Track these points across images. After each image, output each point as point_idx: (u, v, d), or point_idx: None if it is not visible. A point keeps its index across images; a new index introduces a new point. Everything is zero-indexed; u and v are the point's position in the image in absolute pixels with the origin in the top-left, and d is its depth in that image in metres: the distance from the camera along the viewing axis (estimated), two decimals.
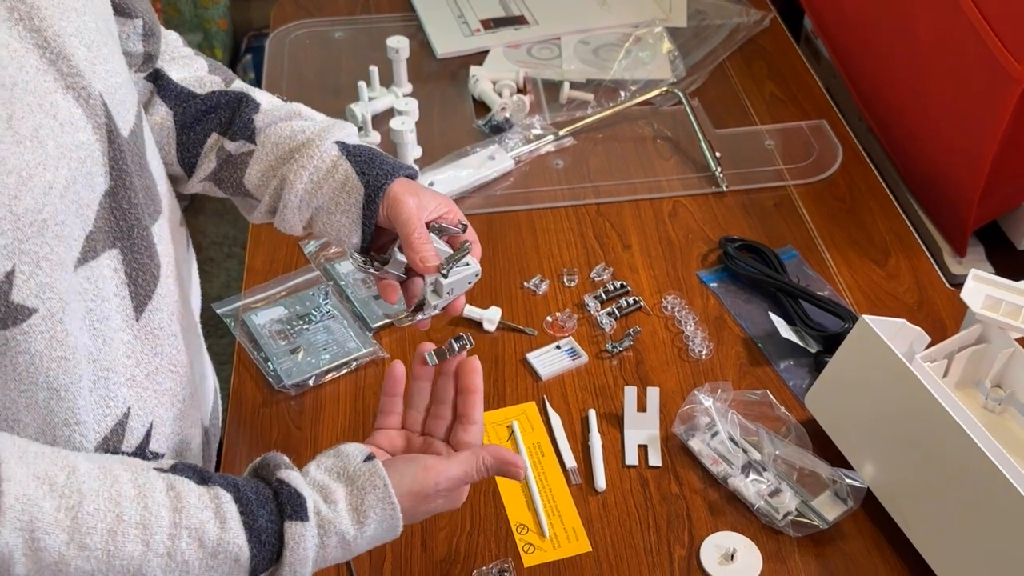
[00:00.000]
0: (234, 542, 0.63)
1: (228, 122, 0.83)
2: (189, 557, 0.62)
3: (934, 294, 1.15)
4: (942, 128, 1.26)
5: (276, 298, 1.12)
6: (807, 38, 1.68)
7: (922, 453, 0.87)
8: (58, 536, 0.58)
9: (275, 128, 0.83)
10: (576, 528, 0.91)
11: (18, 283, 0.58)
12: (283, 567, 0.65)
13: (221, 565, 0.63)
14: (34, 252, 0.59)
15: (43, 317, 0.61)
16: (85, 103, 0.63)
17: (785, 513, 0.90)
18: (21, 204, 0.57)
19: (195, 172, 0.85)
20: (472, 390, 0.76)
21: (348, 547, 0.67)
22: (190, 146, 0.84)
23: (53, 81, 0.61)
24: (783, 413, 0.97)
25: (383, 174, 0.79)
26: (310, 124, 0.83)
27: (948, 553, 0.85)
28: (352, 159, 0.80)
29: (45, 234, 0.59)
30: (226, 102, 0.84)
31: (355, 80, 1.38)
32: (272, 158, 0.82)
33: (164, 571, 0.61)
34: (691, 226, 1.23)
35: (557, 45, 1.53)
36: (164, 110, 0.83)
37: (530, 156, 1.33)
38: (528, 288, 1.15)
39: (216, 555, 0.63)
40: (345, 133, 0.83)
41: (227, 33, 2.67)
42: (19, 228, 0.57)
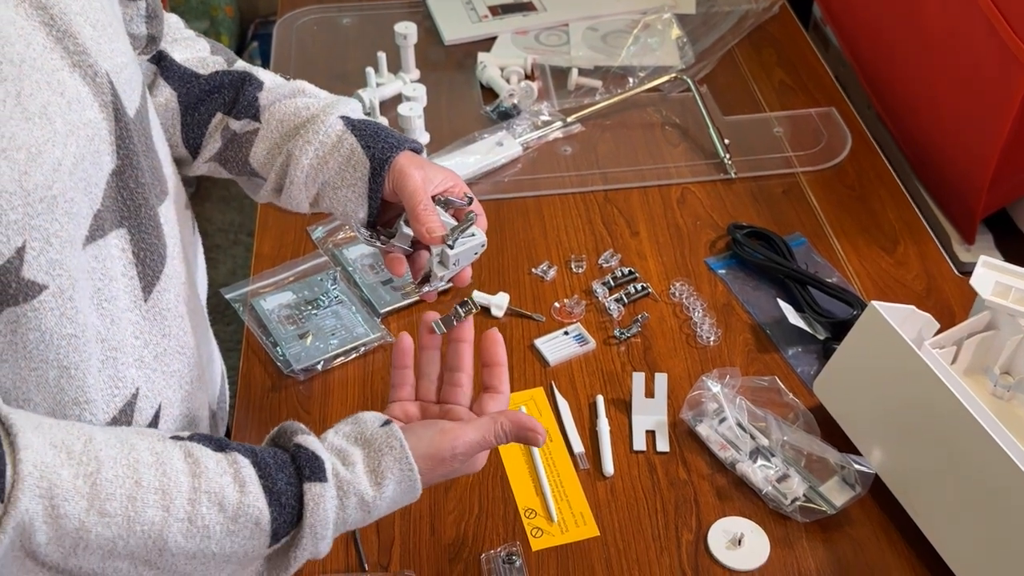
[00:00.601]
0: (254, 505, 0.63)
1: (232, 101, 0.83)
2: (210, 521, 0.62)
3: (943, 281, 1.15)
4: (952, 116, 1.26)
5: (284, 283, 1.12)
6: (816, 26, 1.67)
7: (930, 439, 0.87)
8: (78, 503, 0.58)
9: (279, 105, 0.83)
10: (584, 513, 0.91)
11: (28, 259, 0.58)
12: (303, 529, 0.64)
13: (242, 529, 0.63)
14: (44, 228, 0.59)
15: (53, 294, 0.61)
16: (92, 81, 0.63)
17: (793, 499, 0.90)
18: (31, 180, 0.58)
19: (200, 152, 0.85)
20: (497, 363, 0.76)
21: (368, 509, 0.67)
22: (195, 127, 0.84)
23: (60, 59, 0.61)
24: (791, 399, 0.97)
25: (388, 147, 0.79)
26: (314, 100, 0.83)
27: (956, 539, 0.85)
28: (357, 133, 0.80)
29: (55, 211, 0.59)
30: (229, 81, 0.84)
31: (362, 66, 1.37)
32: (277, 135, 0.82)
33: (185, 536, 0.61)
34: (699, 213, 1.23)
35: (565, 32, 1.53)
36: (168, 91, 0.83)
37: (538, 142, 1.33)
38: (536, 274, 1.15)
39: (236, 519, 0.63)
40: (349, 108, 0.83)
41: (234, 20, 2.67)
42: (29, 204, 0.58)
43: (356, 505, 0.66)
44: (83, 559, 0.59)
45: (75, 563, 0.59)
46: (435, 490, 0.92)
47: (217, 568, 0.64)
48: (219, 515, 0.62)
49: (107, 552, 0.60)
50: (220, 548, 0.63)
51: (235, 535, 0.63)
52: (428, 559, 0.87)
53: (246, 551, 0.64)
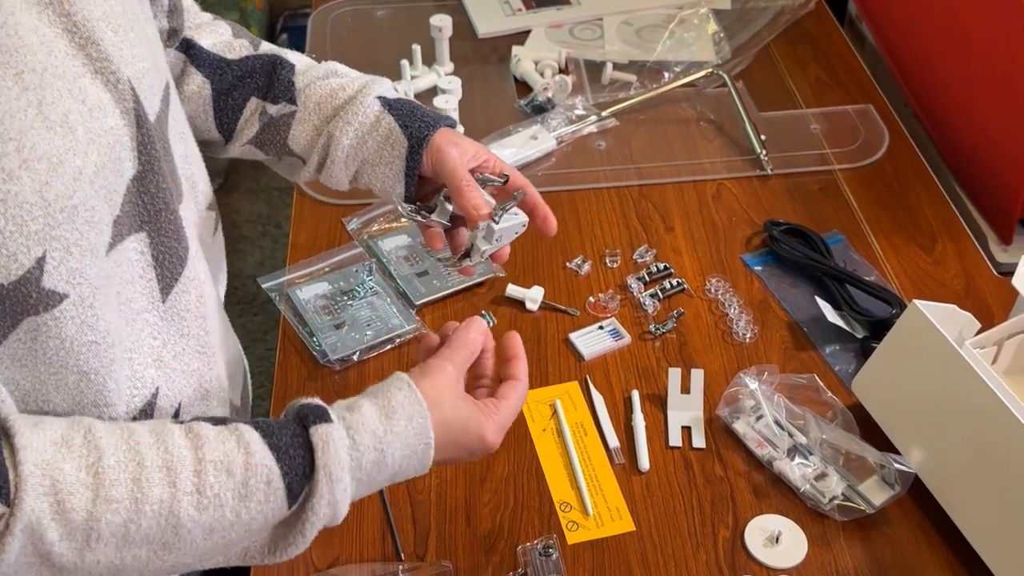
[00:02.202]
0: (261, 464, 0.62)
1: (267, 86, 0.84)
2: (220, 490, 0.61)
3: (981, 281, 1.13)
4: (989, 114, 1.25)
5: (320, 274, 1.13)
6: (851, 22, 1.66)
7: (971, 439, 0.86)
8: (83, 494, 0.58)
9: (315, 87, 0.84)
10: (620, 507, 0.91)
11: (49, 269, 0.58)
12: (318, 472, 0.63)
13: (254, 492, 0.62)
14: (64, 238, 0.59)
15: (74, 303, 0.60)
16: (114, 88, 0.63)
17: (831, 497, 0.89)
18: (52, 190, 0.57)
19: (235, 137, 0.86)
20: (515, 356, 0.76)
21: (380, 447, 0.65)
22: (229, 112, 0.85)
23: (82, 66, 0.61)
24: (830, 397, 0.97)
25: (425, 126, 0.81)
26: (348, 81, 0.85)
27: (996, 540, 0.84)
28: (394, 113, 0.82)
29: (75, 220, 0.59)
30: (260, 66, 0.85)
31: (396, 59, 1.37)
32: (316, 117, 0.83)
33: (198, 509, 0.61)
34: (735, 209, 1.22)
35: (599, 26, 1.52)
36: (200, 79, 0.84)
37: (572, 137, 1.32)
38: (570, 269, 1.14)
39: (247, 483, 0.62)
40: (384, 88, 0.84)
41: (263, 12, 2.68)
42: (50, 214, 0.57)
43: (369, 443, 0.65)
44: (99, 552, 0.59)
45: (92, 558, 0.59)
46: (471, 481, 0.92)
47: (239, 539, 0.63)
48: (228, 480, 0.61)
49: (121, 540, 0.59)
50: (236, 515, 0.62)
51: (248, 499, 0.62)
52: (464, 550, 0.87)
53: (264, 515, 0.63)
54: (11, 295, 0.57)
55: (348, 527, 0.89)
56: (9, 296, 0.57)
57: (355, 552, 0.87)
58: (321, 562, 0.87)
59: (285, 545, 0.66)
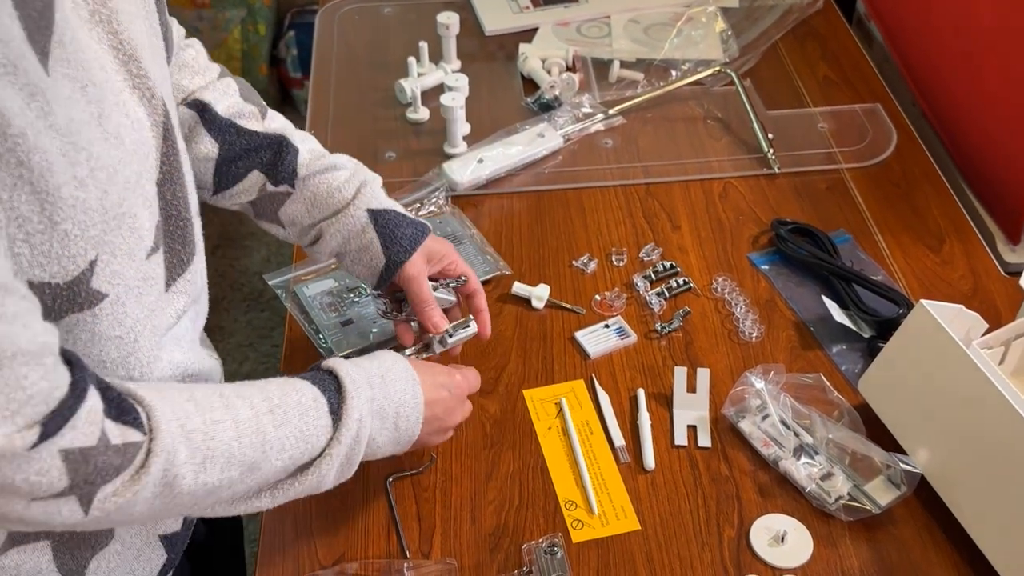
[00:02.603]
0: (305, 387, 0.74)
1: (272, 164, 0.92)
2: (286, 409, 0.71)
3: (988, 281, 1.13)
4: (998, 114, 1.24)
5: (326, 271, 1.13)
6: (859, 21, 1.65)
7: (978, 440, 0.86)
8: (197, 418, 0.66)
9: (315, 180, 0.93)
10: (625, 506, 0.91)
11: (97, 271, 0.62)
12: (344, 382, 0.75)
13: (307, 409, 0.73)
14: (113, 243, 0.63)
15: (111, 302, 0.65)
16: (148, 103, 0.67)
17: (837, 497, 0.89)
18: (109, 198, 0.62)
19: (228, 196, 0.93)
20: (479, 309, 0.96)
21: (383, 377, 0.79)
22: (230, 177, 0.92)
23: (122, 81, 0.65)
24: (836, 397, 0.97)
25: (402, 251, 0.92)
26: (345, 179, 0.93)
27: (1002, 541, 0.84)
28: (379, 229, 0.92)
29: (122, 226, 0.64)
30: (268, 144, 0.92)
31: (403, 56, 1.38)
32: (311, 210, 0.94)
33: (275, 426, 0.70)
34: (742, 208, 1.22)
35: (607, 24, 1.52)
36: (210, 143, 0.89)
37: (579, 134, 1.32)
38: (576, 267, 1.14)
39: (300, 402, 0.72)
40: (374, 195, 0.94)
41: (270, 9, 2.68)
42: (105, 220, 0.62)
43: (369, 367, 0.79)
44: (209, 473, 0.66)
45: (203, 479, 0.66)
46: (476, 479, 0.92)
47: (299, 456, 0.72)
48: (289, 400, 0.72)
49: (225, 461, 0.67)
50: (300, 431, 0.71)
51: (305, 415, 0.72)
52: (468, 548, 0.87)
53: (316, 431, 0.73)
54: (64, 293, 0.61)
55: (354, 525, 0.89)
56: (63, 294, 0.61)
57: (360, 549, 0.87)
58: (327, 559, 0.87)
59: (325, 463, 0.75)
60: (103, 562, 0.75)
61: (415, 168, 1.27)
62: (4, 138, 0.54)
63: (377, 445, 0.79)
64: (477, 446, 0.96)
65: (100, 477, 0.59)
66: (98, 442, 0.59)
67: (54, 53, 0.58)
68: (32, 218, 0.57)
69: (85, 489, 0.59)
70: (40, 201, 0.57)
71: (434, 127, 1.34)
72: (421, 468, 0.94)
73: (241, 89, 0.94)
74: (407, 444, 0.82)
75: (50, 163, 0.57)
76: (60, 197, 0.58)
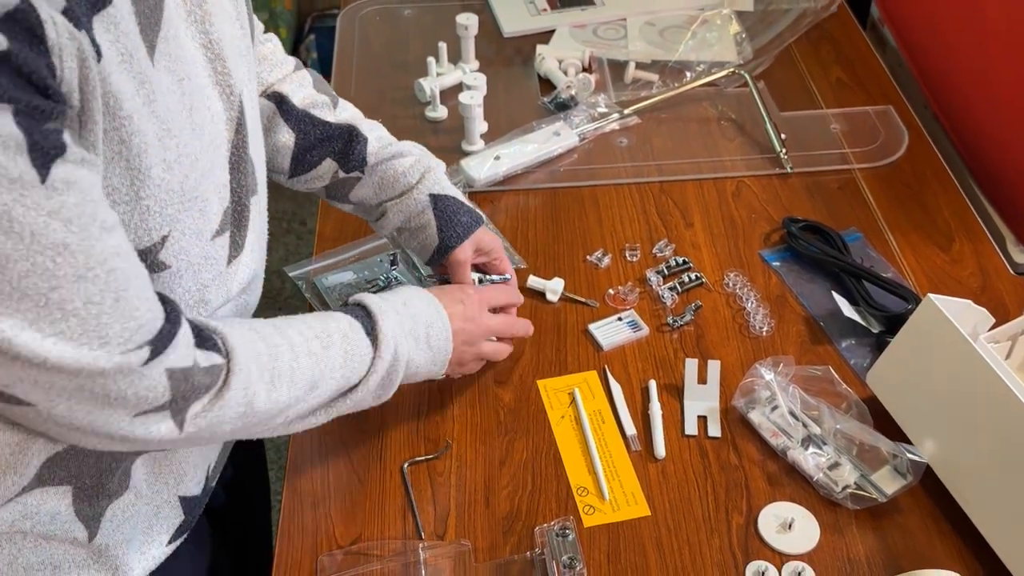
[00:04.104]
0: (340, 316, 0.82)
1: (343, 152, 0.99)
2: (331, 332, 0.80)
3: (998, 280, 1.14)
4: (1010, 116, 1.26)
5: (345, 263, 1.15)
6: (874, 26, 1.67)
7: (984, 432, 0.87)
8: (259, 344, 0.74)
9: (383, 166, 1.00)
10: (635, 493, 0.93)
11: (167, 245, 0.68)
12: (372, 309, 0.83)
13: (348, 332, 0.80)
14: (184, 223, 0.69)
15: (172, 274, 0.70)
16: (227, 99, 0.73)
17: (844, 486, 0.91)
18: (188, 182, 0.68)
19: (303, 181, 1.01)
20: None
21: (402, 299, 0.86)
22: (305, 165, 0.99)
23: (208, 78, 0.71)
24: (844, 389, 0.98)
25: (455, 236, 0.99)
26: (411, 164, 1.00)
27: (1007, 530, 0.85)
28: (438, 212, 0.99)
29: (194, 209, 0.69)
30: (339, 134, 0.99)
31: (423, 56, 1.40)
32: (378, 192, 1.01)
33: (324, 347, 0.78)
34: (754, 206, 1.24)
35: (623, 26, 1.55)
36: (288, 133, 0.97)
37: (594, 133, 1.35)
38: (591, 262, 1.16)
39: (340, 327, 0.80)
40: (437, 180, 1.01)
41: (292, 13, 2.72)
42: (182, 202, 0.68)
43: (393, 298, 0.86)
44: (279, 391, 0.74)
45: (275, 397, 0.74)
46: (490, 465, 0.95)
47: (350, 375, 0.80)
48: (331, 326, 0.80)
49: (289, 380, 0.75)
50: (345, 352, 0.79)
51: (347, 338, 0.80)
52: (482, 531, 0.89)
53: (360, 351, 0.80)
54: None
55: (371, 507, 0.92)
56: None
57: (377, 530, 0.90)
58: (344, 539, 0.89)
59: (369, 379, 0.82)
60: (118, 511, 0.78)
61: None
62: (114, 118, 0.60)
63: (417, 365, 0.86)
64: (492, 433, 0.98)
65: (194, 394, 0.68)
66: (193, 364, 0.67)
67: (159, 47, 0.65)
68: (121, 189, 0.63)
69: (180, 404, 0.67)
70: (131, 177, 0.63)
71: (452, 125, 1.37)
72: (437, 453, 0.96)
73: (315, 81, 1.01)
74: (444, 361, 0.89)
75: (147, 145, 0.63)
76: (149, 176, 0.64)
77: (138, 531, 0.81)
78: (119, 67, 0.60)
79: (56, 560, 0.76)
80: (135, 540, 0.81)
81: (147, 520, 0.81)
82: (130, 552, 0.80)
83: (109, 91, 0.60)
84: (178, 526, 0.85)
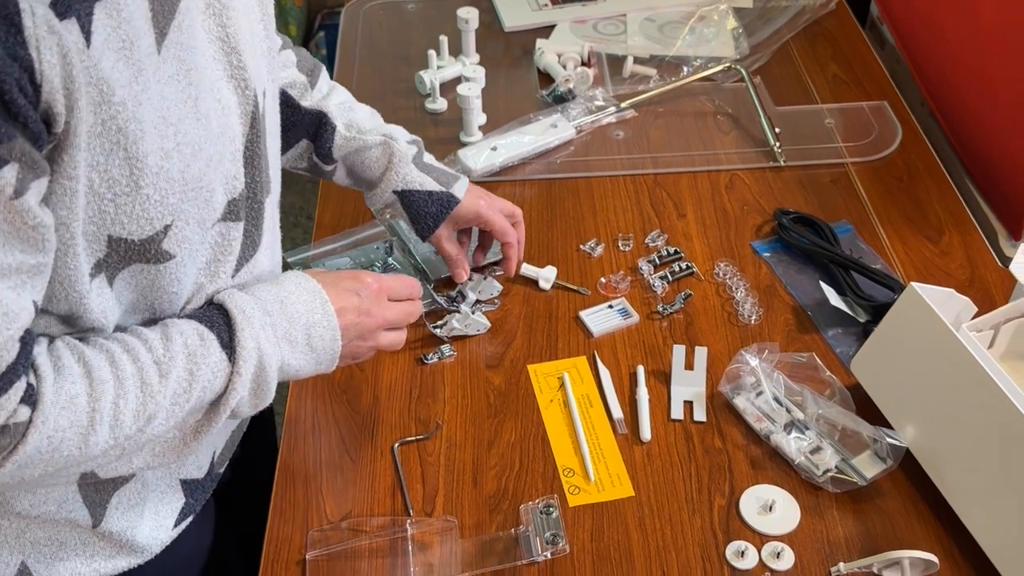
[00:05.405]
0: (188, 328, 0.73)
1: (314, 138, 1.03)
2: (173, 354, 0.71)
3: (986, 272, 1.16)
4: (1005, 115, 1.27)
5: (343, 250, 1.18)
6: (873, 24, 1.68)
7: (964, 419, 0.89)
8: (80, 384, 0.67)
9: (349, 160, 1.05)
10: (620, 474, 0.95)
11: (170, 234, 0.69)
12: (233, 314, 0.75)
13: (195, 350, 0.72)
14: (188, 212, 0.69)
15: (177, 262, 0.71)
16: (241, 93, 0.74)
17: (825, 470, 0.92)
18: (190, 172, 0.68)
19: (285, 160, 1.04)
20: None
21: (277, 292, 0.79)
22: (285, 144, 1.00)
23: (222, 70, 0.72)
24: (828, 376, 1.00)
25: (426, 228, 1.05)
26: (376, 161, 1.04)
27: (985, 515, 0.87)
28: (405, 207, 1.04)
29: (198, 199, 0.70)
30: (309, 120, 1.03)
31: (425, 50, 1.42)
32: (351, 180, 1.08)
33: (161, 375, 0.70)
34: (747, 198, 1.26)
35: (623, 21, 1.56)
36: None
37: (591, 126, 1.36)
38: (584, 251, 1.18)
39: (186, 343, 0.72)
40: (400, 174, 1.03)
41: (301, 10, 2.75)
42: (184, 191, 0.69)
43: (266, 291, 0.78)
44: (98, 434, 0.67)
45: (94, 440, 0.67)
46: (479, 446, 0.97)
47: (203, 396, 0.73)
48: (176, 343, 0.72)
49: (112, 420, 0.67)
50: (190, 374, 0.71)
51: (193, 356, 0.72)
52: (469, 509, 0.91)
53: (212, 368, 0.72)
54: (137, 248, 0.68)
55: (361, 485, 0.94)
56: (135, 248, 0.68)
57: (367, 507, 0.92)
58: (335, 515, 0.91)
59: (234, 392, 0.75)
60: (123, 498, 0.80)
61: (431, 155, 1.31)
62: (109, 105, 0.61)
63: (295, 369, 0.79)
64: (481, 415, 1.00)
65: None
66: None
67: (171, 35, 0.65)
68: (121, 181, 0.64)
69: None
70: (130, 166, 0.64)
71: (452, 117, 1.39)
72: (427, 434, 0.98)
73: (299, 60, 1.03)
74: (331, 361, 0.83)
75: (143, 132, 0.64)
76: (147, 164, 0.65)
77: (144, 516, 0.83)
78: (116, 53, 0.61)
79: (63, 538, 0.79)
80: (141, 526, 0.83)
81: (153, 505, 0.83)
82: (136, 536, 0.82)
83: (101, 78, 0.60)
84: (181, 509, 0.86)
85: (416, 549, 0.87)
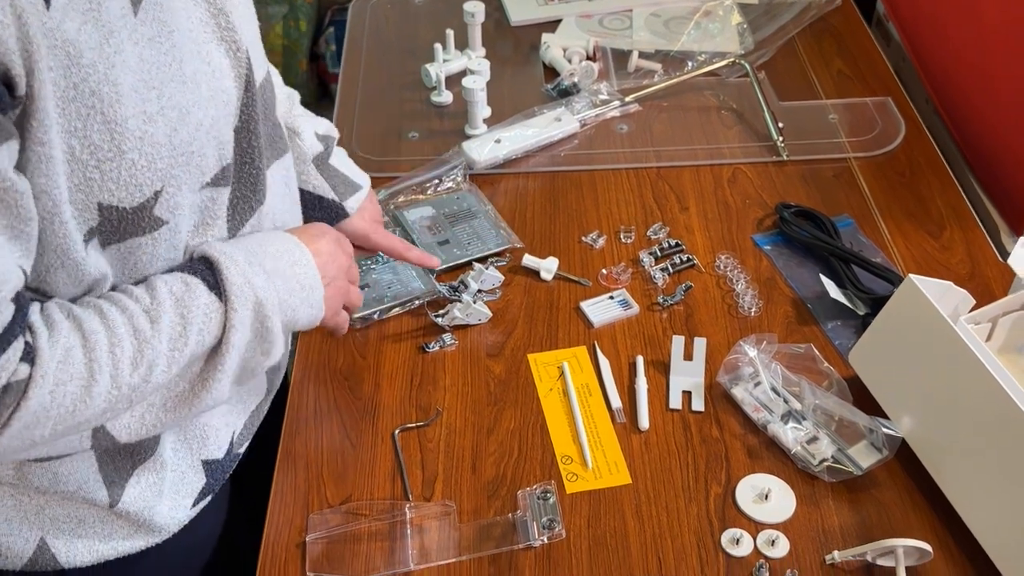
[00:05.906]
0: (174, 277, 0.72)
1: None
2: (161, 299, 0.70)
3: (986, 267, 1.16)
4: (1008, 112, 1.27)
5: None
6: (879, 21, 1.68)
7: (961, 410, 0.89)
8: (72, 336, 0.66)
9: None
10: (618, 462, 0.95)
11: (161, 200, 0.69)
12: (217, 258, 0.73)
13: (182, 297, 0.71)
14: (179, 177, 0.69)
15: (170, 228, 0.71)
16: (233, 55, 0.73)
17: (821, 459, 0.93)
18: (178, 136, 0.68)
19: None
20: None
21: (257, 241, 0.78)
22: None
23: (211, 32, 0.72)
24: (826, 367, 1.00)
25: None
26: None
27: (980, 506, 0.87)
28: (304, 205, 0.97)
29: (190, 164, 0.70)
30: None
31: (431, 43, 1.43)
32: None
33: (152, 322, 0.70)
34: (749, 192, 1.26)
35: (628, 16, 1.57)
36: None
37: (595, 120, 1.37)
38: (586, 242, 1.19)
39: (172, 290, 0.71)
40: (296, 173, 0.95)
41: (312, 7, 2.76)
42: (173, 156, 0.68)
43: (250, 242, 0.77)
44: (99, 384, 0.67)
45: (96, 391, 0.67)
46: (478, 433, 0.98)
47: (198, 343, 0.72)
48: (161, 291, 0.71)
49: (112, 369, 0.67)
50: (181, 316, 0.71)
51: (181, 301, 0.71)
52: (468, 494, 0.92)
53: (205, 312, 0.72)
54: (129, 217, 0.68)
55: (362, 470, 0.95)
56: (127, 217, 0.68)
57: (367, 491, 0.93)
58: (335, 499, 0.92)
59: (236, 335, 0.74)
60: (143, 477, 0.81)
61: (436, 147, 1.33)
62: (78, 68, 0.61)
63: (291, 307, 0.78)
64: (481, 403, 1.01)
65: None
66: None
67: None
68: (103, 146, 0.64)
69: None
70: (110, 131, 0.64)
71: (457, 110, 1.40)
72: (427, 421, 0.99)
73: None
74: (319, 303, 0.81)
75: (119, 96, 0.63)
76: (127, 128, 0.64)
77: (164, 496, 0.83)
78: (82, 15, 0.60)
79: (81, 515, 0.80)
80: (160, 505, 0.83)
81: (173, 485, 0.84)
82: (155, 516, 0.83)
83: (66, 39, 0.59)
84: (200, 489, 0.87)
85: (414, 533, 0.89)
